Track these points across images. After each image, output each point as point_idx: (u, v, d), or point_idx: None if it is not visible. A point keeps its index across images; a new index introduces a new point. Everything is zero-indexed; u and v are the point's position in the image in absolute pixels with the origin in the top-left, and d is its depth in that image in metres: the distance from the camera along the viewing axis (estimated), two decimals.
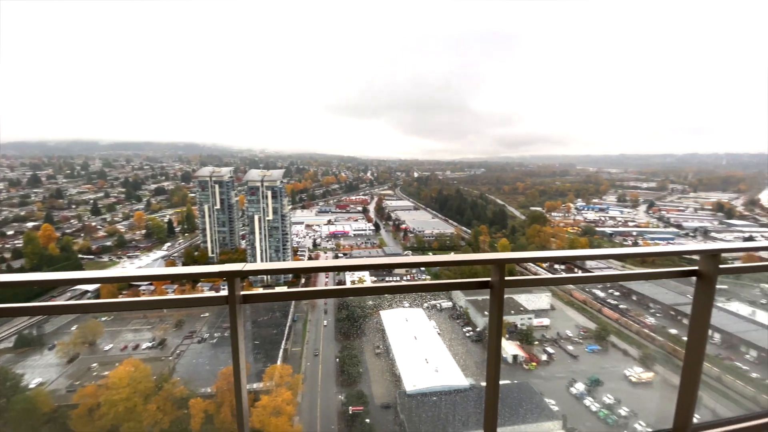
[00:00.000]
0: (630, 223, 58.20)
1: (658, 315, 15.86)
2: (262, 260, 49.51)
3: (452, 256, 1.63)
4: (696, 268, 1.85)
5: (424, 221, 69.17)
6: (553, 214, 66.29)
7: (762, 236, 46.67)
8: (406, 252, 56.08)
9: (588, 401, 9.00)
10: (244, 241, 56.99)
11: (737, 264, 2.59)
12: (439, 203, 77.27)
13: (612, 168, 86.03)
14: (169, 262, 52.68)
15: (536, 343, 13.04)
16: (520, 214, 68.00)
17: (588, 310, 18.57)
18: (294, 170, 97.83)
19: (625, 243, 51.24)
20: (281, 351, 13.62)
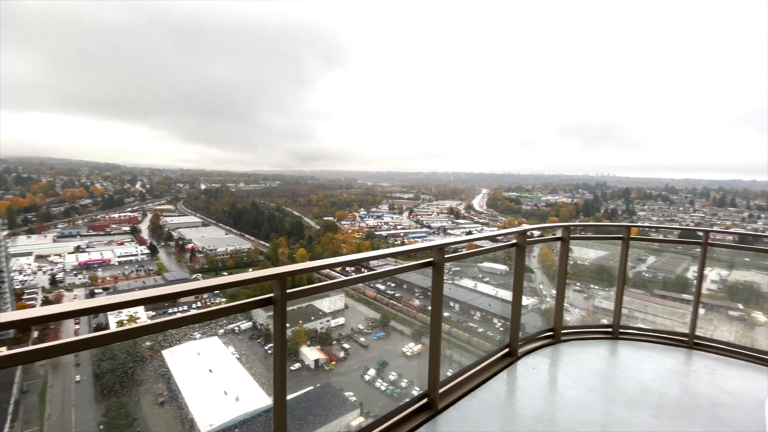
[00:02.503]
0: (398, 227, 71.26)
1: (420, 297, 20.03)
2: None
3: (232, 277, 1.51)
4: (431, 259, 2.40)
5: (217, 238, 62.34)
6: (342, 222, 73.24)
7: (476, 230, 66.05)
8: (195, 275, 49.01)
9: (378, 383, 10.29)
10: None
11: (462, 252, 3.55)
12: (233, 217, 71.58)
13: (384, 182, 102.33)
14: None
15: (334, 342, 14.02)
16: (315, 224, 71.79)
17: (372, 302, 21.55)
18: (12, 180, 68.70)
19: (395, 243, 62.40)
20: None
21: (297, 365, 11.03)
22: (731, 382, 3.03)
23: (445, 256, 2.44)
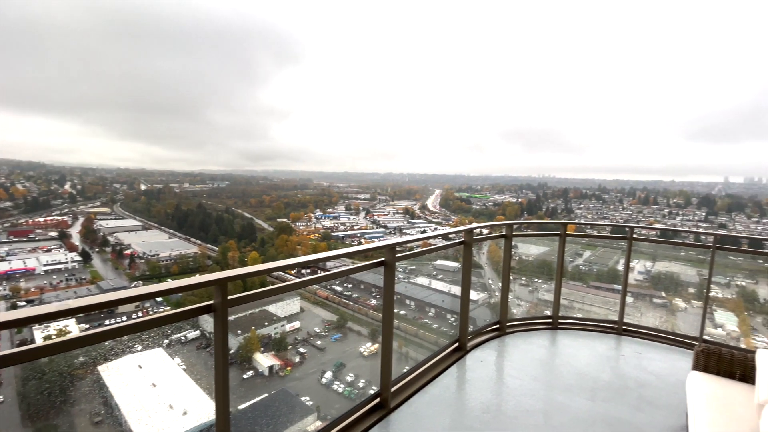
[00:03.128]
0: (355, 227, 71.11)
1: (377, 297, 20.19)
2: None
3: (168, 284, 1.42)
4: (383, 258, 2.42)
5: (159, 242, 57.73)
6: (297, 223, 71.62)
7: (430, 229, 67.77)
8: (135, 283, 45.17)
9: (335, 385, 10.21)
10: None
11: (413, 251, 3.60)
12: (177, 220, 66.80)
13: (340, 183, 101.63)
14: None
15: (290, 347, 13.69)
16: (269, 226, 69.43)
17: (329, 304, 21.30)
18: None
19: (352, 243, 62.15)
20: None
21: (250, 373, 10.60)
22: (655, 363, 3.36)
23: (396, 255, 2.47)
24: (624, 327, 4.05)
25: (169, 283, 1.45)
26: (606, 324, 4.16)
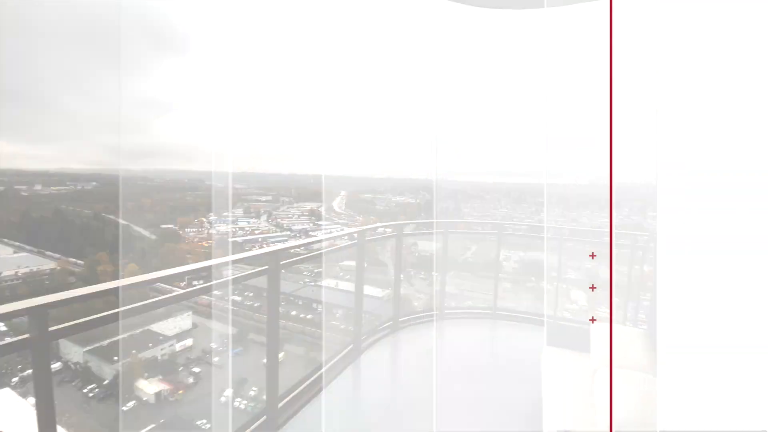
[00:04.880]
0: (256, 231, 66.96)
1: (283, 303, 19.33)
2: None
3: None
4: (266, 267, 2.35)
5: (0, 259, 45.59)
6: (187, 230, 64.05)
7: (336, 230, 67.82)
8: None
9: (237, 402, 9.50)
10: None
11: (304, 256, 3.45)
12: (25, 231, 52.98)
13: (238, 184, 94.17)
14: None
15: (181, 368, 12.27)
16: (150, 234, 60.60)
17: (225, 316, 19.68)
18: None
19: (253, 248, 58.50)
20: None
21: (131, 403, 9.23)
22: (522, 342, 3.79)
23: (282, 261, 2.42)
24: (498, 311, 4.61)
25: None
26: (484, 310, 4.69)
